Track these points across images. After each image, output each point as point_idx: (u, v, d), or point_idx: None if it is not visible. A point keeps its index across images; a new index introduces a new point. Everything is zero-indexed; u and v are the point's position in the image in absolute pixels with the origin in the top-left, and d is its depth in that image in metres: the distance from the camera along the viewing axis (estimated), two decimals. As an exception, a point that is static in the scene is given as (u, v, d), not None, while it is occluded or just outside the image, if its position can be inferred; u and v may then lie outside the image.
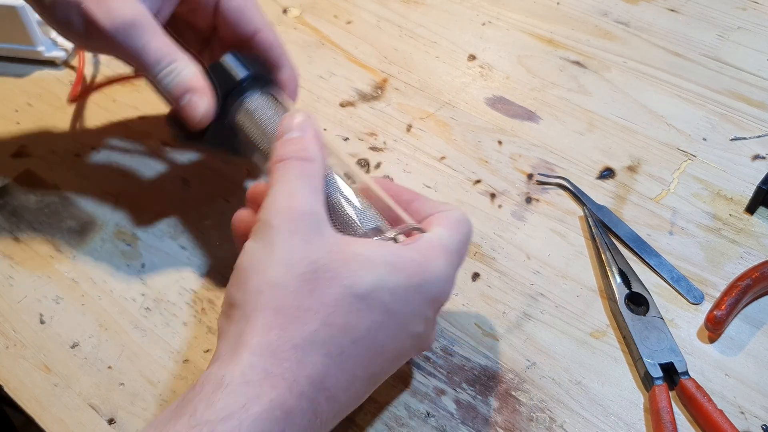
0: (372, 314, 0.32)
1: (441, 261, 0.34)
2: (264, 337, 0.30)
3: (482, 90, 0.57)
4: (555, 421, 0.39)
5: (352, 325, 0.31)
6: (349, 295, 0.31)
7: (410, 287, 0.33)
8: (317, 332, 0.30)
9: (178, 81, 0.41)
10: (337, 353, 0.31)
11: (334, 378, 0.31)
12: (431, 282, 0.33)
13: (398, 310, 0.32)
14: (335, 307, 0.31)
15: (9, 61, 0.60)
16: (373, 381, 0.34)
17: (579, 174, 0.51)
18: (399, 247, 0.34)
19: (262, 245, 0.32)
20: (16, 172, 0.52)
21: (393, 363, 0.35)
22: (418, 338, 0.35)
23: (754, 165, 0.51)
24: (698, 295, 0.44)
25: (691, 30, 0.61)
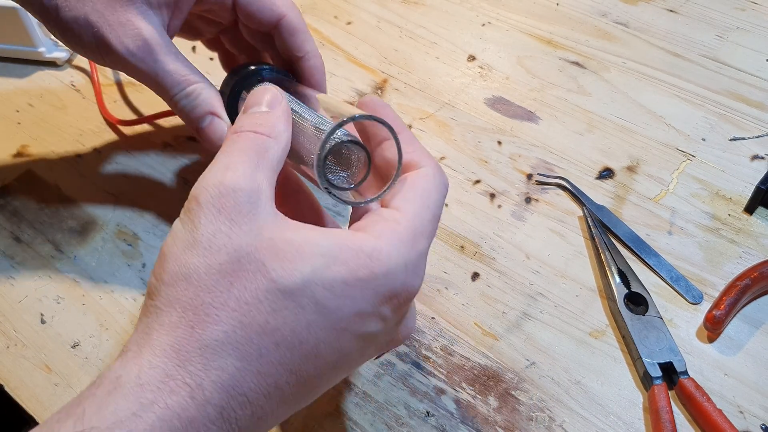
0: (301, 313, 0.27)
1: (397, 250, 0.29)
2: (169, 335, 0.27)
3: (482, 90, 0.57)
4: (554, 421, 0.39)
5: (274, 325, 0.27)
6: (274, 291, 0.27)
7: (353, 282, 0.28)
8: (231, 333, 0.27)
9: (195, 105, 0.40)
10: (255, 356, 0.27)
11: (252, 383, 0.27)
12: (383, 275, 0.29)
13: (336, 308, 0.28)
14: (255, 304, 0.27)
15: (10, 61, 0.60)
16: (310, 385, 0.29)
17: (578, 174, 0.51)
18: (344, 236, 0.29)
19: (186, 226, 0.28)
20: (17, 172, 0.52)
21: (338, 367, 0.30)
22: (373, 338, 0.30)
23: (753, 165, 0.51)
24: (697, 295, 0.44)
25: (690, 30, 0.61)
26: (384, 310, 0.29)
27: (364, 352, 0.31)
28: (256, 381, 0.27)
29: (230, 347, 0.27)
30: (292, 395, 0.29)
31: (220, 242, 0.28)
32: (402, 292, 0.30)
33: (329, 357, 0.29)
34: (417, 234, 0.30)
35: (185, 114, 0.40)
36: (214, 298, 0.27)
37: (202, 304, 0.27)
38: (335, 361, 0.29)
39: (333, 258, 0.28)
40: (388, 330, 0.31)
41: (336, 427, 0.39)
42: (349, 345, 0.29)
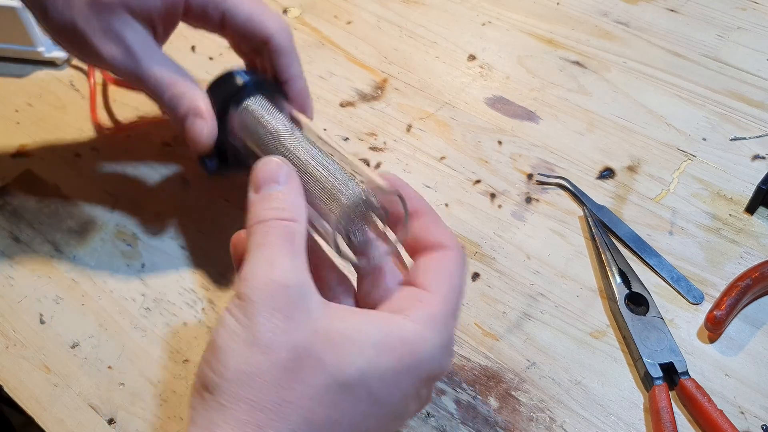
0: (358, 405, 0.29)
1: (435, 334, 0.30)
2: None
3: (482, 90, 0.57)
4: (555, 421, 0.39)
5: (335, 418, 0.28)
6: (334, 385, 0.28)
7: (401, 371, 0.29)
8: (296, 430, 0.27)
9: (179, 104, 0.41)
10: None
11: None
12: (425, 361, 0.30)
13: (388, 397, 0.29)
14: (318, 399, 0.28)
15: (9, 61, 0.60)
16: None
17: (579, 174, 0.51)
18: (388, 321, 0.30)
19: (241, 322, 0.29)
20: (16, 172, 0.52)
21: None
22: (411, 414, 0.33)
23: (753, 165, 0.51)
24: (698, 295, 0.44)
25: (691, 30, 0.61)
26: (423, 391, 0.32)
27: (401, 423, 0.33)
28: None
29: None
30: None
31: (279, 340, 0.28)
32: (439, 373, 0.32)
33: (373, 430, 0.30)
34: (449, 316, 0.32)
35: (171, 113, 0.41)
36: (278, 395, 0.28)
37: (268, 402, 0.28)
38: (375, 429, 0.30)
39: (383, 347, 0.29)
40: (422, 404, 0.33)
41: None
42: (394, 424, 0.31)
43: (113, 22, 0.40)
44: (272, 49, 0.43)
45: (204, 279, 0.46)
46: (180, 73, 0.41)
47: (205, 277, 0.46)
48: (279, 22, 0.43)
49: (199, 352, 0.42)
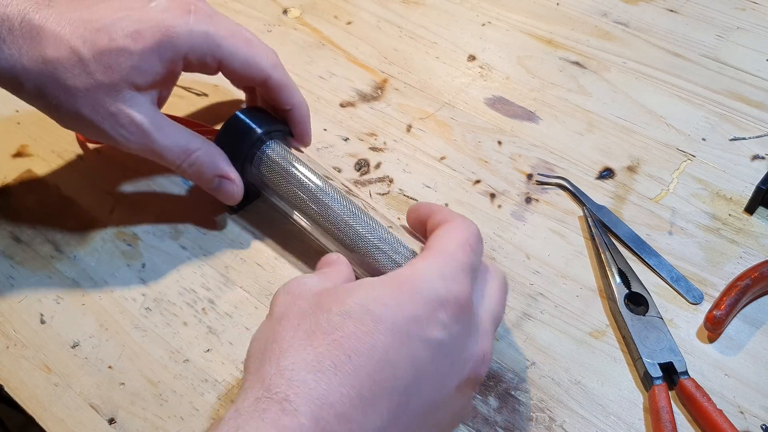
0: (360, 325, 0.30)
1: (431, 264, 0.33)
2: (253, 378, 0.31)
3: (482, 90, 0.57)
4: (555, 421, 0.39)
5: (338, 338, 0.30)
6: (335, 314, 0.31)
7: (398, 290, 0.32)
8: (301, 358, 0.30)
9: (201, 171, 0.44)
10: (330, 370, 0.30)
11: (337, 394, 0.29)
12: (422, 280, 0.32)
13: (391, 314, 0.31)
14: (320, 328, 0.31)
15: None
16: (396, 403, 0.30)
17: (578, 174, 0.51)
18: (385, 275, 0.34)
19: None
20: (16, 172, 0.52)
21: (421, 380, 0.31)
22: (446, 350, 0.32)
23: (753, 165, 0.51)
24: (698, 295, 0.44)
25: (691, 30, 0.61)
26: (441, 316, 0.32)
27: (445, 371, 0.32)
28: (340, 392, 0.29)
29: (303, 367, 0.29)
30: (379, 407, 0.30)
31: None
32: (450, 298, 0.32)
33: (403, 364, 0.30)
34: (446, 254, 0.34)
35: (195, 179, 0.45)
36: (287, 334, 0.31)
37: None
38: (413, 374, 0.31)
39: (378, 282, 0.32)
40: (459, 345, 0.33)
41: None
42: (418, 352, 0.31)
43: (119, 104, 0.41)
44: (271, 87, 0.45)
45: (204, 279, 0.46)
46: (192, 139, 0.44)
47: (205, 277, 0.46)
48: (272, 59, 0.45)
49: (200, 352, 0.42)
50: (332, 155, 0.53)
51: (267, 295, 0.45)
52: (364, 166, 0.52)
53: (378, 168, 0.52)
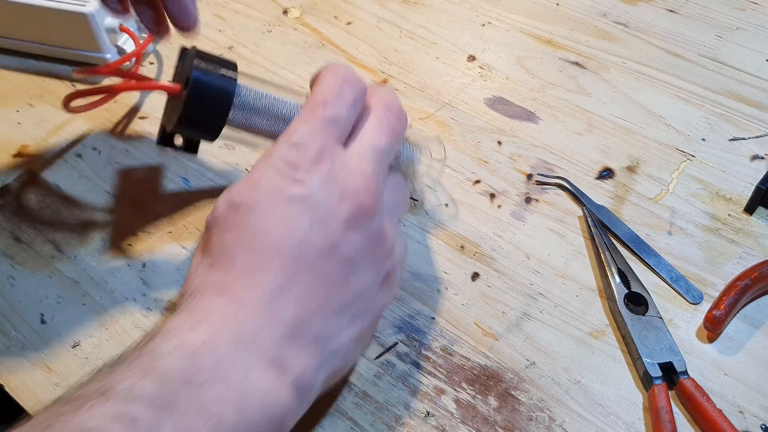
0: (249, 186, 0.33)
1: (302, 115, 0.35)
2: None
3: (482, 90, 0.57)
4: (554, 421, 0.39)
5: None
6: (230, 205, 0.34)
7: (256, 170, 0.34)
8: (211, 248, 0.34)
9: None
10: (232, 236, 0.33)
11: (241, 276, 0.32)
12: (290, 132, 0.34)
13: (262, 175, 0.33)
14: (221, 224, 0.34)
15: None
16: (303, 259, 0.33)
17: (578, 174, 0.51)
18: None
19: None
20: (17, 172, 0.52)
21: (317, 226, 0.33)
22: (320, 183, 0.33)
23: (752, 165, 0.51)
24: (697, 295, 0.44)
25: (690, 31, 0.61)
26: (299, 175, 0.33)
27: (322, 214, 0.33)
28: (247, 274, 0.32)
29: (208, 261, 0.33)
30: (270, 267, 0.32)
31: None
32: (300, 157, 0.33)
33: (280, 229, 0.32)
34: (315, 104, 0.35)
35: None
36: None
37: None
38: (291, 230, 0.32)
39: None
40: (326, 189, 0.33)
41: (336, 427, 0.39)
42: (291, 214, 0.32)
43: None
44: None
45: (204, 279, 0.46)
46: None
47: (206, 277, 0.46)
48: None
49: (200, 352, 0.42)
50: (332, 155, 0.53)
51: (267, 295, 0.45)
52: (364, 166, 0.52)
53: (378, 168, 0.52)
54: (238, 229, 0.32)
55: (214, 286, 0.32)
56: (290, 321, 0.31)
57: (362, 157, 0.35)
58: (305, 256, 0.32)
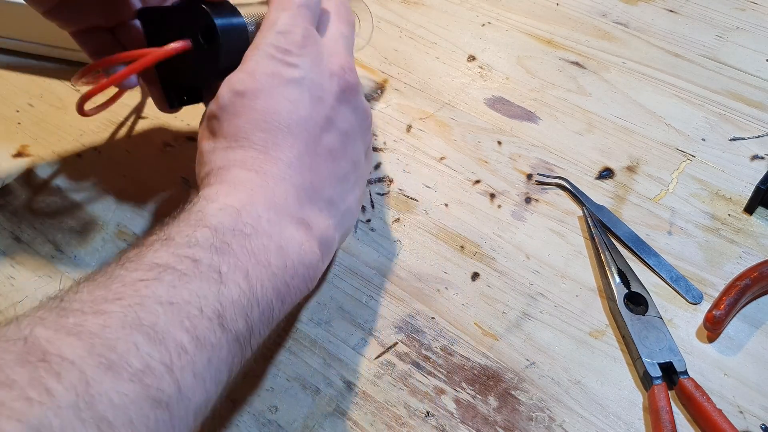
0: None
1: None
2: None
3: (482, 90, 0.57)
4: (554, 421, 0.39)
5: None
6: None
7: (248, 59, 0.38)
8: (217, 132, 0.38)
9: None
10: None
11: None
12: (260, 41, 0.38)
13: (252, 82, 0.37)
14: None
15: (10, 61, 0.60)
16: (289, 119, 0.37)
17: (578, 174, 0.51)
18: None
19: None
20: (17, 173, 0.52)
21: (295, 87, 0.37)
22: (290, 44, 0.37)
23: (752, 165, 0.51)
24: (697, 295, 0.44)
25: (690, 30, 0.61)
26: (290, 59, 0.37)
27: (316, 92, 0.38)
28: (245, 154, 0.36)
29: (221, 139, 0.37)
30: (283, 144, 0.36)
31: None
32: (286, 27, 0.38)
33: (277, 107, 0.36)
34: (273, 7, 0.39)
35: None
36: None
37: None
38: (290, 108, 0.37)
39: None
40: (315, 70, 0.38)
41: (336, 427, 0.39)
42: (286, 91, 0.37)
43: None
44: None
45: (204, 279, 0.46)
46: None
47: (206, 277, 0.46)
48: None
49: (200, 352, 0.42)
50: (332, 155, 0.53)
51: (267, 295, 0.45)
52: (364, 166, 0.52)
53: (378, 168, 0.52)
54: (248, 113, 0.36)
55: (238, 162, 0.35)
56: (308, 188, 0.36)
57: (336, 41, 0.40)
58: (311, 131, 0.37)
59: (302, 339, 0.43)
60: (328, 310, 0.44)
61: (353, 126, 0.39)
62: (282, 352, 0.43)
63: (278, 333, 0.43)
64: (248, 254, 0.32)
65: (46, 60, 0.60)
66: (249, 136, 0.36)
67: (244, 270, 0.31)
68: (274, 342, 0.43)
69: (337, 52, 0.39)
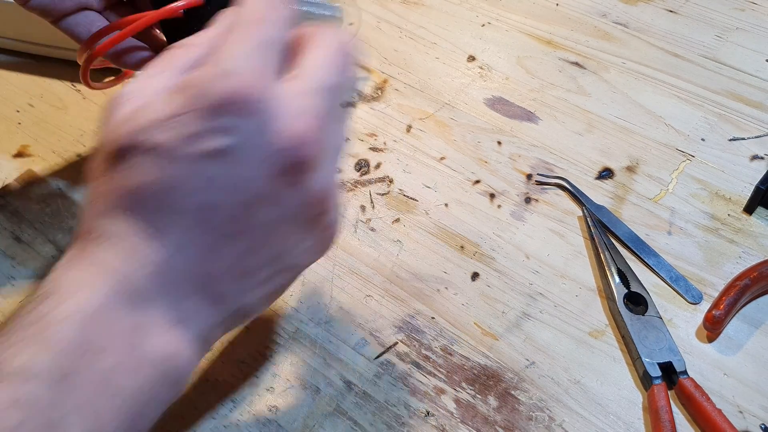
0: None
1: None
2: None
3: (482, 91, 0.57)
4: (554, 420, 0.39)
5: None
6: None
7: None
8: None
9: None
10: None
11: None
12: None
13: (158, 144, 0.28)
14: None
15: (9, 61, 0.60)
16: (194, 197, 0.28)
17: (578, 174, 0.51)
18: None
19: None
20: (17, 172, 0.52)
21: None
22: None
23: (752, 165, 0.51)
24: (697, 295, 0.44)
25: (690, 31, 0.61)
26: (220, 122, 0.27)
27: (243, 172, 0.28)
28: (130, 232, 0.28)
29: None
30: (169, 234, 0.28)
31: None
32: (234, 66, 0.28)
33: (185, 186, 0.28)
34: (248, 18, 0.29)
35: None
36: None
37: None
38: (201, 187, 0.28)
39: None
40: (252, 141, 0.28)
41: (336, 427, 0.39)
42: (199, 168, 0.27)
43: None
44: None
45: (204, 279, 0.46)
46: None
47: (206, 276, 0.46)
48: None
49: (200, 352, 0.43)
50: (332, 155, 0.53)
51: (267, 295, 0.45)
52: (364, 166, 0.52)
53: (378, 168, 0.52)
54: (151, 177, 0.27)
55: (114, 235, 0.28)
56: (194, 281, 0.29)
57: (307, 96, 0.29)
58: (221, 216, 0.28)
59: (302, 339, 0.43)
60: (328, 310, 0.44)
61: (289, 214, 0.30)
62: (282, 352, 0.43)
63: (278, 333, 0.43)
64: (95, 382, 0.26)
65: (46, 60, 0.60)
66: (141, 207, 0.28)
67: (90, 407, 0.25)
68: (274, 342, 0.43)
69: (303, 113, 0.28)
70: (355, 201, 0.50)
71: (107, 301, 0.27)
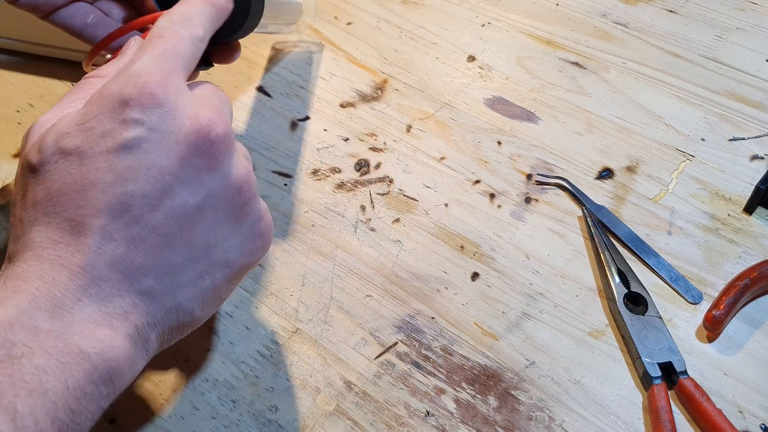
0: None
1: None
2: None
3: (482, 91, 0.57)
4: (554, 420, 0.39)
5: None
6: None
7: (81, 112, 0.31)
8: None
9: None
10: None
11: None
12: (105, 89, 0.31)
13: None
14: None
15: (9, 61, 0.60)
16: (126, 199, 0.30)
17: (578, 174, 0.51)
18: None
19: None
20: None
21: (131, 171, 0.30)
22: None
23: (752, 165, 0.51)
24: (697, 295, 0.44)
25: (690, 31, 0.61)
26: (129, 114, 0.30)
27: (158, 160, 0.30)
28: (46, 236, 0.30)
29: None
30: (88, 235, 0.29)
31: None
32: (141, 69, 0.31)
33: (101, 181, 0.29)
34: (162, 28, 0.33)
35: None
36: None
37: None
38: (119, 182, 0.29)
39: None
40: (162, 128, 0.30)
41: (336, 427, 0.39)
42: (113, 161, 0.29)
43: None
44: None
45: (204, 279, 0.46)
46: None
47: (206, 276, 0.46)
48: None
49: (200, 352, 0.43)
50: (332, 155, 0.53)
51: (267, 295, 0.45)
52: (364, 166, 0.52)
53: (378, 168, 0.52)
54: (65, 180, 0.29)
55: (35, 246, 0.29)
56: (120, 277, 0.29)
57: (212, 87, 0.33)
58: (138, 209, 0.29)
59: (302, 339, 0.43)
60: (328, 310, 0.44)
61: (210, 200, 0.31)
62: (282, 352, 0.43)
63: (278, 333, 0.43)
64: (16, 386, 0.26)
65: (46, 60, 0.60)
66: (59, 212, 0.29)
67: (9, 410, 0.25)
68: (274, 342, 0.43)
69: (208, 102, 0.32)
70: (355, 201, 0.50)
71: (28, 307, 0.28)
